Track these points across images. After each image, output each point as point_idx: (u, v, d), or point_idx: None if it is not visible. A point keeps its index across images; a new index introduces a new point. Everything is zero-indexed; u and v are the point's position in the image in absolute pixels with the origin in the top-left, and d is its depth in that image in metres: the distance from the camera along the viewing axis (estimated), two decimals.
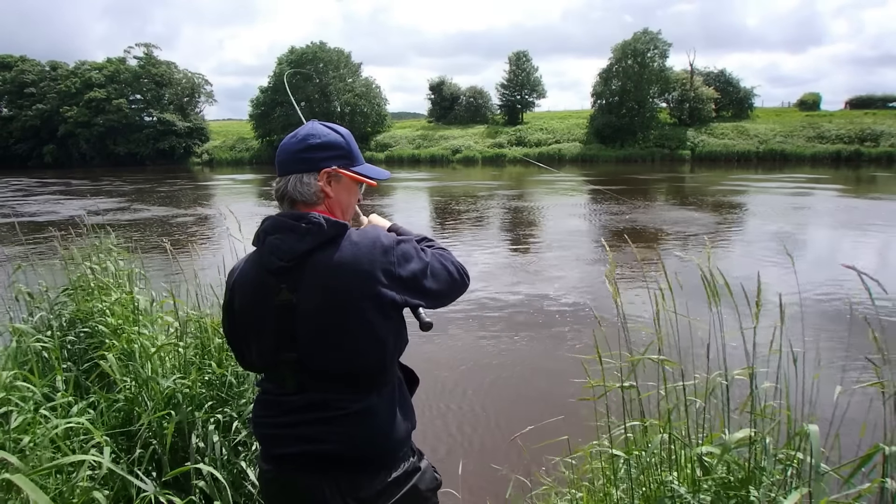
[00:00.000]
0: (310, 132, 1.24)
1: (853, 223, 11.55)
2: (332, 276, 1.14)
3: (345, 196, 1.28)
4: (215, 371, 2.42)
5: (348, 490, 1.18)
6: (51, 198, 19.69)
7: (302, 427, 1.20)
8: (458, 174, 29.96)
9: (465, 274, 1.30)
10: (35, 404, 2.11)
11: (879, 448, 1.30)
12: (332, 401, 1.19)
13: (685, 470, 1.71)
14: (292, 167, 1.23)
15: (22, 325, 2.73)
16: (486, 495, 2.76)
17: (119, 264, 3.49)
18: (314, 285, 1.14)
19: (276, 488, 1.26)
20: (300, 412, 1.20)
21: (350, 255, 1.14)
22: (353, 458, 1.19)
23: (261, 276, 1.20)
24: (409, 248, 1.21)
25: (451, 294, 1.28)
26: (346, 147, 1.26)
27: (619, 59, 40.22)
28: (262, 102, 47.92)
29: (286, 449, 1.21)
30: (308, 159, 1.22)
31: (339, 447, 1.18)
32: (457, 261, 1.31)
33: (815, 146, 34.76)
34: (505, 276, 7.61)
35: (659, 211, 13.79)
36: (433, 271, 1.22)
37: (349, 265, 1.13)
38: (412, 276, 1.18)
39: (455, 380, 4.30)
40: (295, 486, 1.22)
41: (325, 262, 1.14)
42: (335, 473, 1.19)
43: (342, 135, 1.27)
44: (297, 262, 1.15)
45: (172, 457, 2.17)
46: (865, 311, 5.03)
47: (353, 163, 1.28)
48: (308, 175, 1.22)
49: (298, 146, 1.23)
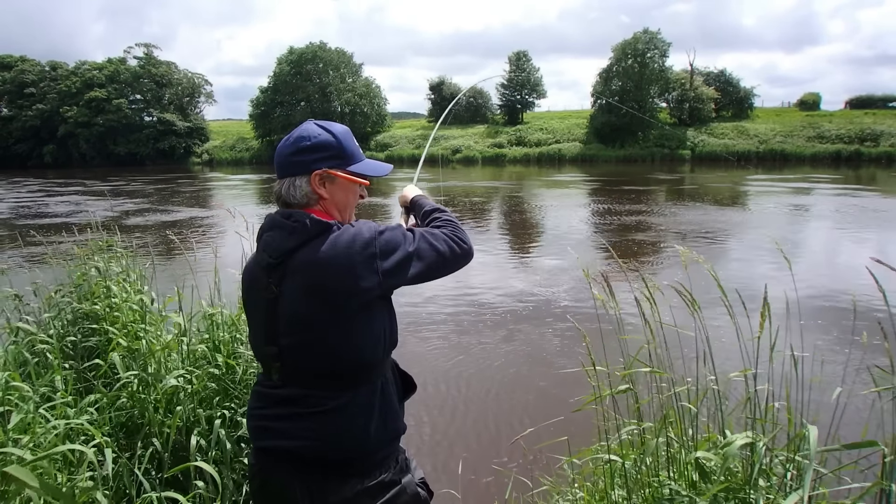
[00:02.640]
0: (301, 134, 1.24)
1: (856, 223, 11.55)
2: (311, 272, 1.15)
3: (341, 196, 1.27)
4: (222, 365, 2.42)
5: (318, 494, 1.17)
6: (72, 198, 19.62)
7: (279, 421, 1.20)
8: (458, 174, 29.96)
9: (459, 246, 1.28)
10: (35, 404, 2.11)
11: (875, 444, 1.29)
12: (312, 396, 1.19)
13: (684, 472, 1.70)
14: (286, 170, 1.24)
15: (22, 325, 2.74)
16: (487, 495, 2.76)
17: (123, 263, 3.48)
18: (294, 281, 1.17)
19: (257, 484, 1.26)
20: (281, 405, 1.21)
21: (329, 251, 1.14)
22: (322, 458, 1.17)
23: (257, 271, 1.24)
24: (393, 235, 1.20)
25: (441, 270, 1.26)
26: (339, 147, 1.25)
27: (619, 58, 40.20)
28: (262, 102, 47.93)
29: (265, 442, 1.22)
30: (299, 162, 1.22)
31: (307, 444, 1.17)
32: (457, 234, 1.31)
33: (815, 146, 34.75)
34: (505, 277, 7.61)
35: (660, 210, 13.79)
36: (420, 254, 1.21)
37: (327, 262, 1.14)
38: (396, 265, 1.17)
39: (455, 380, 4.29)
40: (272, 483, 1.22)
41: (306, 259, 1.16)
42: (305, 474, 1.18)
43: (335, 134, 1.25)
44: (284, 259, 1.18)
45: (174, 454, 2.17)
46: (866, 308, 5.00)
47: (348, 162, 1.26)
48: (300, 178, 1.22)
49: (290, 149, 1.23)
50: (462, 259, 1.30)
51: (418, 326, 5.45)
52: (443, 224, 1.35)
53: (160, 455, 2.14)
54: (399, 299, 1.27)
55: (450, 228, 1.33)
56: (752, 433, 1.49)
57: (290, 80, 47.24)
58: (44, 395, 2.27)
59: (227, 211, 3.09)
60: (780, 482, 1.54)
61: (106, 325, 2.84)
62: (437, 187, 16.25)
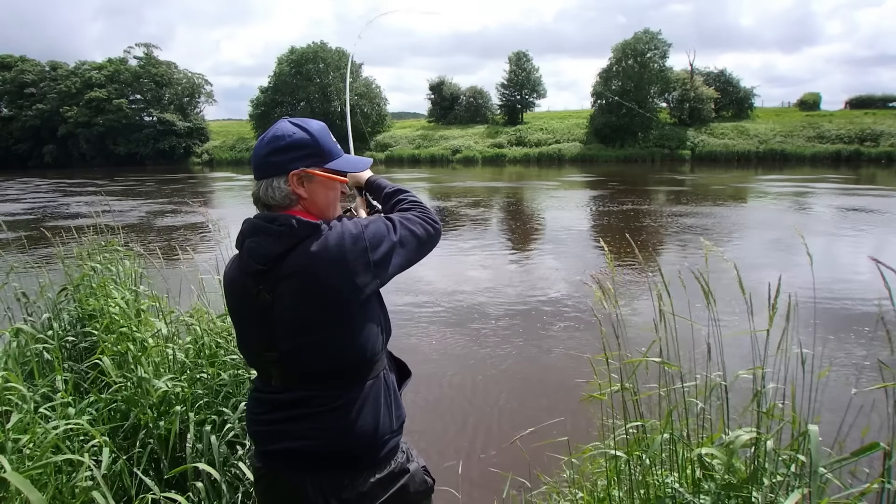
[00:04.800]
0: (275, 133, 1.21)
1: (856, 223, 11.55)
2: (306, 274, 1.14)
3: (321, 194, 1.24)
4: (209, 371, 2.42)
5: (331, 490, 1.17)
6: (90, 199, 19.56)
7: (287, 423, 1.20)
8: (458, 174, 29.96)
9: (433, 226, 1.31)
10: (35, 404, 2.10)
11: (877, 445, 1.29)
12: (317, 397, 1.19)
13: (686, 470, 1.70)
14: (263, 171, 1.21)
15: (23, 326, 2.73)
16: (486, 495, 2.76)
17: (127, 264, 3.48)
18: (288, 285, 1.15)
19: (265, 486, 1.26)
20: (286, 409, 1.21)
21: (322, 252, 1.13)
22: (335, 454, 1.18)
23: (242, 278, 1.21)
24: (378, 227, 1.21)
25: (419, 255, 1.29)
26: (315, 144, 1.21)
27: (619, 59, 40.21)
28: (262, 102, 47.96)
29: (272, 446, 1.22)
30: (275, 163, 1.19)
31: (319, 443, 1.18)
32: (427, 214, 1.33)
33: (815, 146, 34.76)
34: (504, 277, 7.60)
35: (660, 211, 13.79)
36: (402, 241, 1.23)
37: (322, 262, 1.13)
38: (384, 255, 1.19)
39: (455, 380, 4.29)
40: (281, 485, 1.22)
41: (298, 262, 1.14)
42: (318, 472, 1.18)
43: (311, 132, 1.22)
44: (273, 264, 1.15)
45: (171, 456, 2.17)
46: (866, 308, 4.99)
47: (325, 159, 1.23)
48: (277, 179, 1.19)
49: (266, 149, 1.20)
50: (435, 239, 1.32)
51: (418, 326, 5.45)
52: (410, 206, 1.36)
53: (158, 456, 2.14)
54: (398, 298, 1.28)
55: (419, 210, 1.34)
56: (756, 430, 1.48)
57: (290, 79, 47.26)
58: (44, 396, 2.26)
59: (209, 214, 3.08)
60: (783, 480, 1.54)
61: (98, 328, 2.84)
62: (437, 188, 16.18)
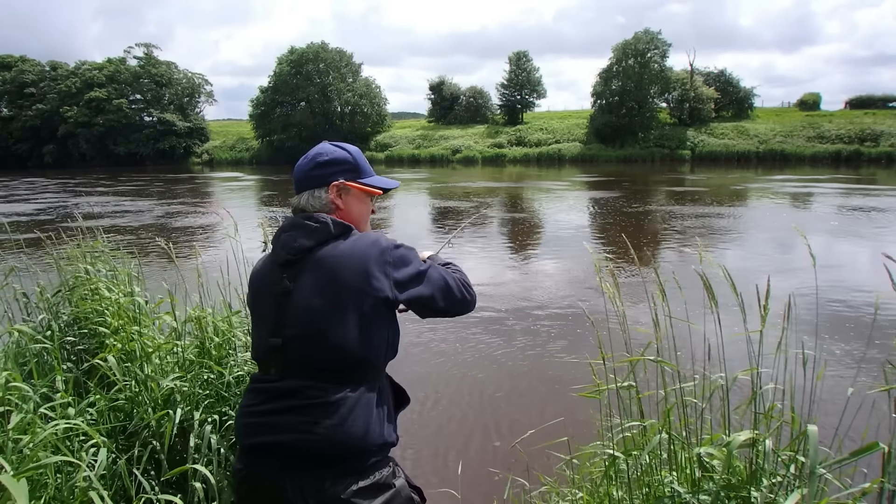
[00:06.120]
0: (318, 152, 1.37)
1: (856, 223, 11.55)
2: (328, 267, 1.22)
3: (356, 206, 1.37)
4: (214, 370, 2.41)
5: (311, 491, 1.15)
6: (101, 199, 19.59)
7: (274, 415, 1.21)
8: (458, 174, 29.97)
9: (467, 291, 1.38)
10: (35, 405, 2.10)
11: (876, 444, 1.29)
12: (311, 388, 1.20)
13: (685, 470, 1.70)
14: (305, 184, 1.35)
15: (22, 326, 2.73)
16: (486, 495, 2.76)
17: (118, 265, 3.48)
18: (310, 276, 1.23)
19: (244, 489, 1.24)
20: (277, 399, 1.22)
21: (348, 250, 1.24)
22: (320, 452, 1.17)
23: (270, 269, 1.30)
24: (408, 253, 1.29)
25: (443, 302, 1.33)
26: (353, 162, 1.37)
27: (619, 59, 40.24)
28: (262, 102, 47.95)
29: (256, 439, 1.22)
30: (318, 176, 1.34)
31: (305, 437, 1.17)
32: (466, 282, 1.40)
33: (815, 146, 34.79)
34: (504, 276, 7.61)
35: (660, 210, 13.79)
36: (430, 278, 1.30)
37: (345, 259, 1.22)
38: (406, 278, 1.26)
39: (454, 381, 4.29)
40: (259, 486, 1.21)
41: (325, 256, 1.24)
42: (299, 471, 1.17)
43: (349, 151, 1.38)
44: (302, 256, 1.25)
45: (171, 456, 2.17)
46: (866, 307, 5.00)
47: (361, 175, 1.38)
48: (319, 189, 1.34)
49: (309, 165, 1.35)
50: (465, 305, 1.38)
51: (417, 325, 5.45)
52: (455, 271, 1.44)
53: (158, 456, 2.14)
54: None
55: (461, 274, 1.42)
56: (755, 431, 1.48)
57: (290, 80, 47.24)
58: (44, 396, 2.26)
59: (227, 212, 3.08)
60: (783, 481, 1.54)
61: (98, 328, 2.84)
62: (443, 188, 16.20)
